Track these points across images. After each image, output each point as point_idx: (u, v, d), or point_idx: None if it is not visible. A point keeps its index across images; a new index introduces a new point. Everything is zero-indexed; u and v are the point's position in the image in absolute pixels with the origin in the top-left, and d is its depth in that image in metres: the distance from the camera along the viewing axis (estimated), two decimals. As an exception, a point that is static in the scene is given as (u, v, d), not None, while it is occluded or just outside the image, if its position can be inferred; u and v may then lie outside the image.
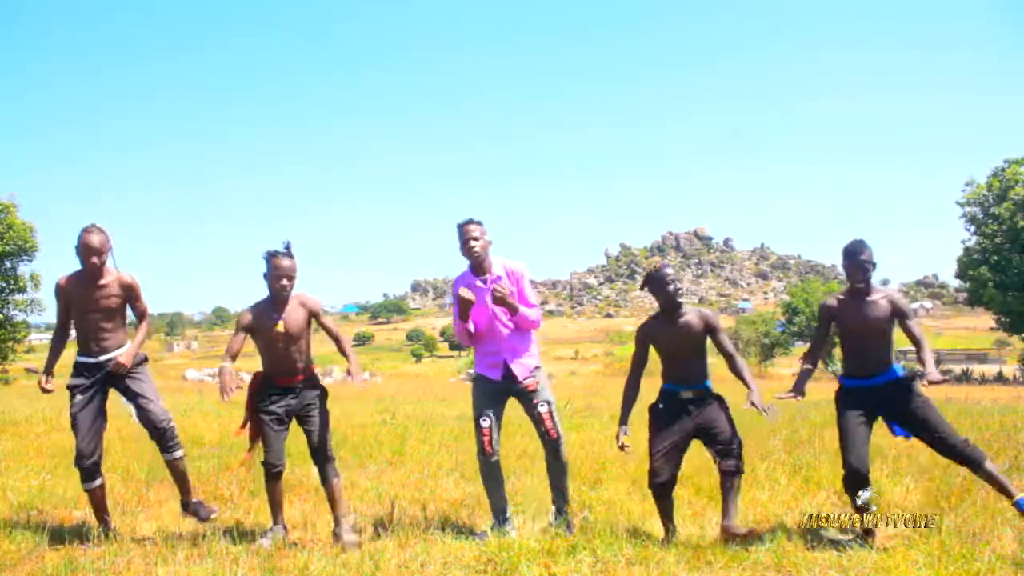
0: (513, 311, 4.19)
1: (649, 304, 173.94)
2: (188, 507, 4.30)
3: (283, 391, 4.19)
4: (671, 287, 4.10)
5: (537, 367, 4.36)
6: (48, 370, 4.24)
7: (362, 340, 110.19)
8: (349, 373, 4.22)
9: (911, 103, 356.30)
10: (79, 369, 4.19)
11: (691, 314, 4.13)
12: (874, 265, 4.08)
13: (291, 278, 4.14)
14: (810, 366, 4.42)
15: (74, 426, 4.12)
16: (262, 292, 4.22)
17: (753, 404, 3.97)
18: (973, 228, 28.71)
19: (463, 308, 4.20)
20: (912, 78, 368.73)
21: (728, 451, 3.97)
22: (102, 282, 4.13)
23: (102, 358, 4.17)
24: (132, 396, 4.17)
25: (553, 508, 4.36)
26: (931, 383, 3.90)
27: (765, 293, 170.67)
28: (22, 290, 26.37)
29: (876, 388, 4.08)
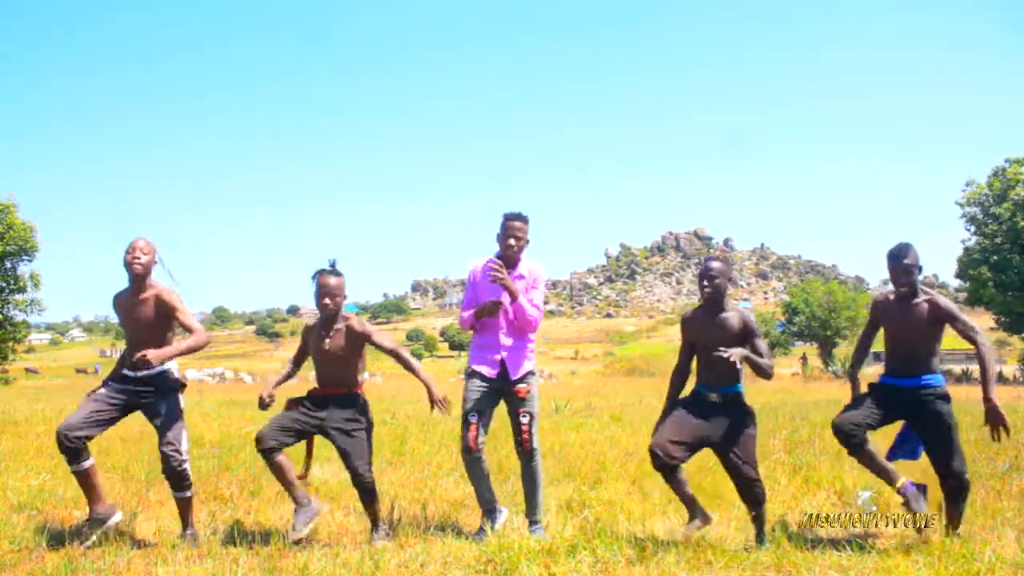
0: (513, 296, 4.15)
1: (649, 304, 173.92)
2: (185, 538, 4.14)
3: (319, 401, 4.15)
4: (705, 282, 4.04)
5: (531, 372, 4.29)
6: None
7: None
8: (431, 399, 4.05)
9: (912, 103, 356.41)
10: (119, 378, 4.17)
11: (731, 313, 4.07)
12: (920, 268, 4.02)
13: (334, 296, 4.10)
14: (854, 370, 4.40)
15: (80, 406, 4.09)
16: (259, 292, 4.28)
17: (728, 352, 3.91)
18: (973, 228, 28.69)
19: (491, 311, 4.15)
20: (912, 78, 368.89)
21: (739, 473, 3.93)
22: (142, 296, 4.09)
23: (135, 375, 4.11)
24: (154, 424, 4.10)
25: (525, 520, 4.31)
26: (989, 416, 3.88)
27: (765, 293, 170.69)
28: (22, 290, 26.38)
29: (903, 389, 4.05)
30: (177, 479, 4.05)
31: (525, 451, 4.24)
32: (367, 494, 4.09)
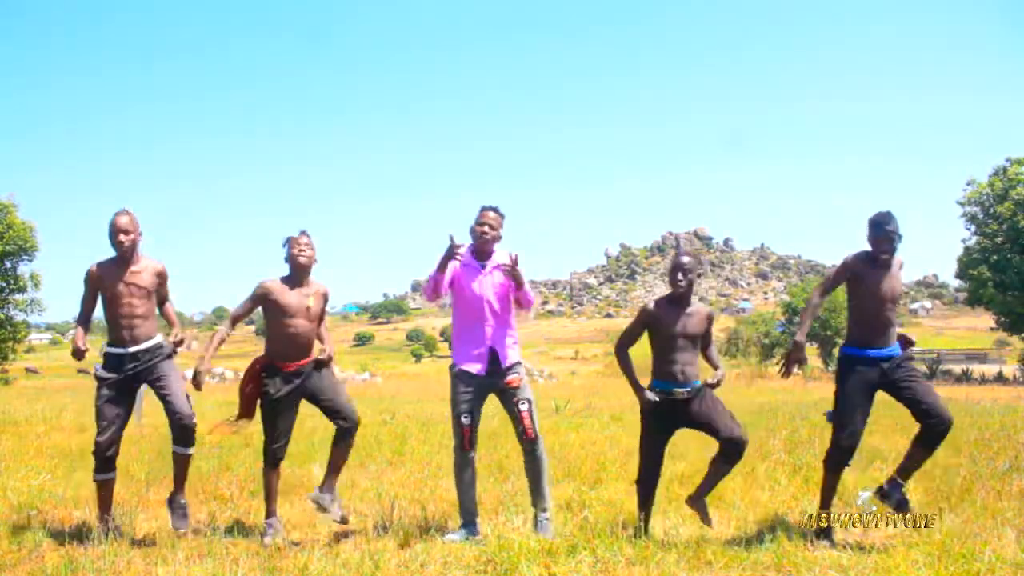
0: (520, 284, 4.18)
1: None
2: (173, 503, 4.23)
3: (288, 376, 4.18)
4: (679, 276, 4.03)
5: (519, 363, 4.31)
6: (83, 327, 4.26)
7: (362, 340, 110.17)
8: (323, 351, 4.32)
9: (912, 103, 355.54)
10: (110, 360, 4.19)
11: (697, 307, 4.10)
12: (900, 236, 4.01)
13: (309, 247, 4.23)
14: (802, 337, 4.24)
15: (97, 416, 4.14)
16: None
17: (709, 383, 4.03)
18: (973, 228, 28.67)
19: (447, 256, 4.13)
20: (913, 78, 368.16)
21: (731, 435, 3.95)
22: (134, 268, 4.17)
23: (132, 348, 4.16)
24: (159, 390, 4.16)
25: (533, 511, 4.27)
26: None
27: (765, 293, 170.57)
28: (22, 290, 26.33)
29: (882, 360, 4.03)
30: (190, 435, 4.15)
31: (528, 439, 4.19)
32: (352, 432, 4.25)
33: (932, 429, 3.95)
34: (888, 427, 7.21)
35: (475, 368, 4.23)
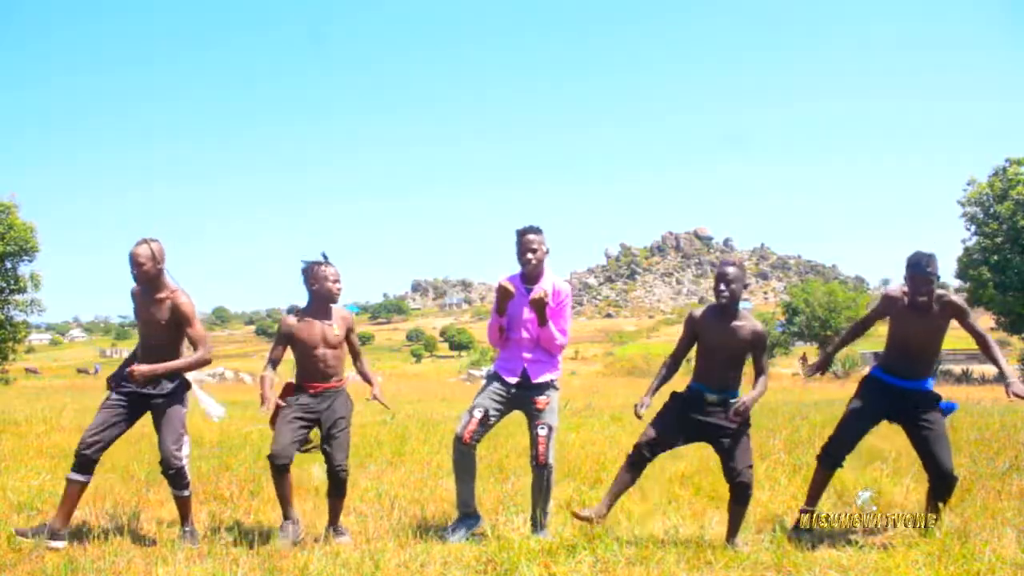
0: (542, 321, 4.10)
1: (649, 304, 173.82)
2: (183, 535, 4.19)
3: (313, 397, 4.22)
4: (721, 286, 3.96)
5: (554, 386, 4.27)
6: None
7: (362, 340, 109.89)
8: (374, 397, 4.48)
9: (912, 103, 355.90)
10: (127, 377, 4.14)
11: (746, 321, 4.00)
12: (938, 277, 4.02)
13: (339, 280, 4.28)
14: (836, 349, 4.51)
15: (95, 416, 4.09)
16: (259, 292, 4.29)
17: (744, 403, 3.95)
18: (974, 228, 28.65)
19: (501, 300, 4.12)
20: (913, 78, 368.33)
21: (736, 473, 3.94)
22: (157, 296, 4.09)
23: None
24: (155, 427, 4.11)
25: (529, 524, 4.24)
26: (1016, 396, 3.87)
27: (765, 293, 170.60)
28: (22, 290, 26.30)
29: (905, 392, 4.12)
30: (176, 479, 4.10)
31: (539, 464, 4.14)
32: (342, 487, 4.24)
33: (935, 483, 4.11)
34: (888, 427, 7.21)
35: (508, 377, 4.22)
